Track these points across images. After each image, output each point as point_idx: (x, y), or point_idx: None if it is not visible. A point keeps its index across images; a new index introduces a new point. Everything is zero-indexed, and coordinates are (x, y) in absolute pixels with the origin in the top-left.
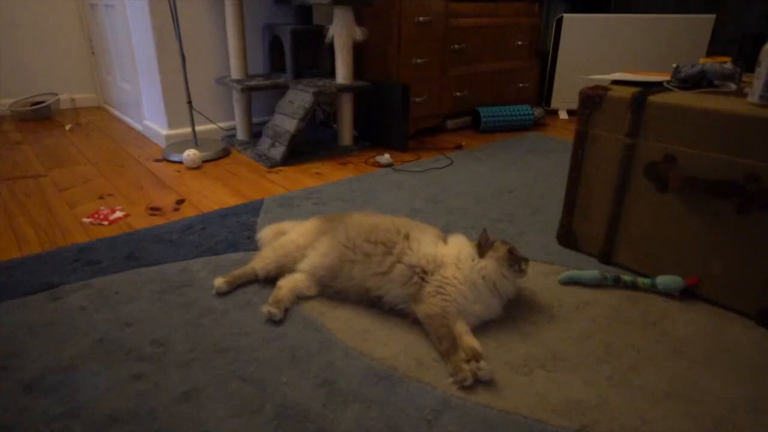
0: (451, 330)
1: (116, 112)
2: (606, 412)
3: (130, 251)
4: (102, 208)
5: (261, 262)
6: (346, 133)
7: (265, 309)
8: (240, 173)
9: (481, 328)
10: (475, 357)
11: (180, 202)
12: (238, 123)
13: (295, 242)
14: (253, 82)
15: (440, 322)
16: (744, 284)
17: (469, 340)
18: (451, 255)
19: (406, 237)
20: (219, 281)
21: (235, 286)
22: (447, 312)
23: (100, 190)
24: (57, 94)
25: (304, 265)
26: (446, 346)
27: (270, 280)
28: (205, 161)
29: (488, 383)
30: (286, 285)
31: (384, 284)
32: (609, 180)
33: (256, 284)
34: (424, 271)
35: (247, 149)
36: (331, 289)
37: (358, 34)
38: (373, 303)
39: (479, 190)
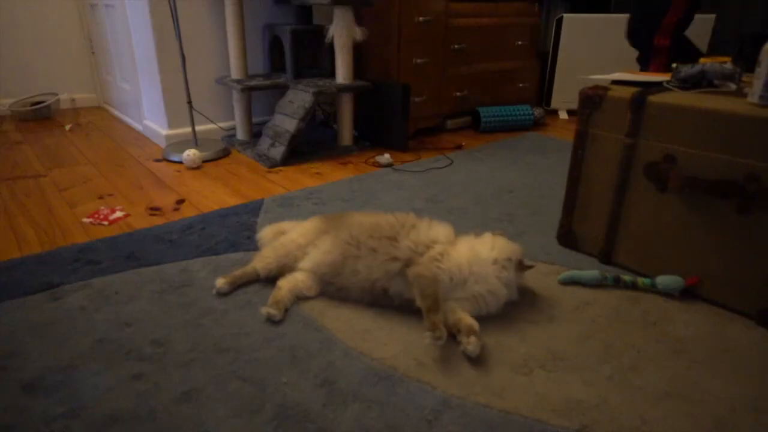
0: (437, 291)
1: (116, 112)
2: (606, 412)
3: (130, 251)
4: (102, 208)
5: (262, 261)
6: (346, 133)
7: (265, 310)
8: (240, 173)
9: (481, 328)
10: (469, 332)
11: (180, 202)
12: (238, 123)
13: (295, 241)
14: (253, 82)
15: (429, 282)
16: (744, 284)
17: (468, 320)
18: (464, 240)
19: (413, 226)
20: (220, 281)
21: (236, 286)
22: (437, 278)
23: (100, 190)
24: (57, 94)
25: (306, 263)
26: (429, 303)
27: (271, 279)
28: (205, 161)
29: (488, 383)
30: (286, 285)
31: (390, 274)
32: (609, 180)
33: (256, 284)
34: (430, 246)
35: (247, 149)
36: (333, 286)
37: (358, 34)
38: (376, 298)
39: (479, 190)
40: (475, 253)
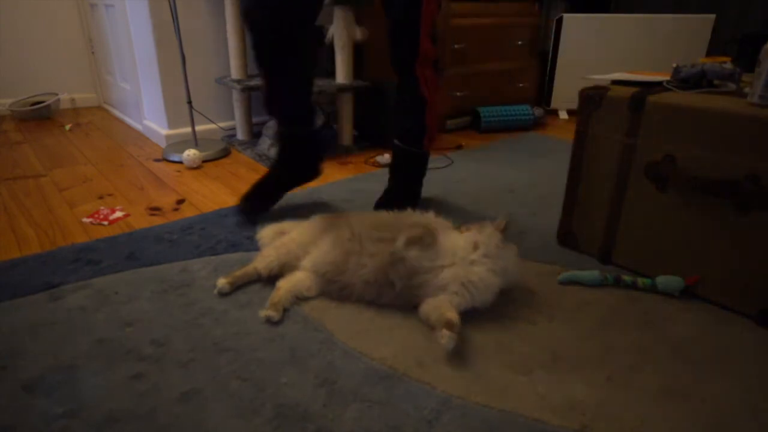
0: (429, 226)
1: (116, 112)
2: (606, 412)
3: (130, 251)
4: (102, 208)
5: (263, 261)
6: (346, 133)
7: (263, 313)
8: (240, 173)
9: (481, 328)
10: (446, 325)
11: (180, 202)
12: (238, 123)
13: (296, 241)
14: (253, 82)
15: (422, 225)
16: (744, 284)
17: (450, 314)
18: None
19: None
20: (221, 281)
21: (237, 287)
22: (430, 227)
23: (100, 190)
24: (57, 94)
25: (308, 262)
26: (416, 231)
27: (272, 279)
28: (205, 161)
29: (488, 383)
30: (285, 285)
31: (393, 257)
32: (609, 180)
33: (256, 284)
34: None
35: (247, 149)
36: (335, 284)
37: (358, 34)
38: (380, 292)
39: (479, 190)
40: (462, 243)
